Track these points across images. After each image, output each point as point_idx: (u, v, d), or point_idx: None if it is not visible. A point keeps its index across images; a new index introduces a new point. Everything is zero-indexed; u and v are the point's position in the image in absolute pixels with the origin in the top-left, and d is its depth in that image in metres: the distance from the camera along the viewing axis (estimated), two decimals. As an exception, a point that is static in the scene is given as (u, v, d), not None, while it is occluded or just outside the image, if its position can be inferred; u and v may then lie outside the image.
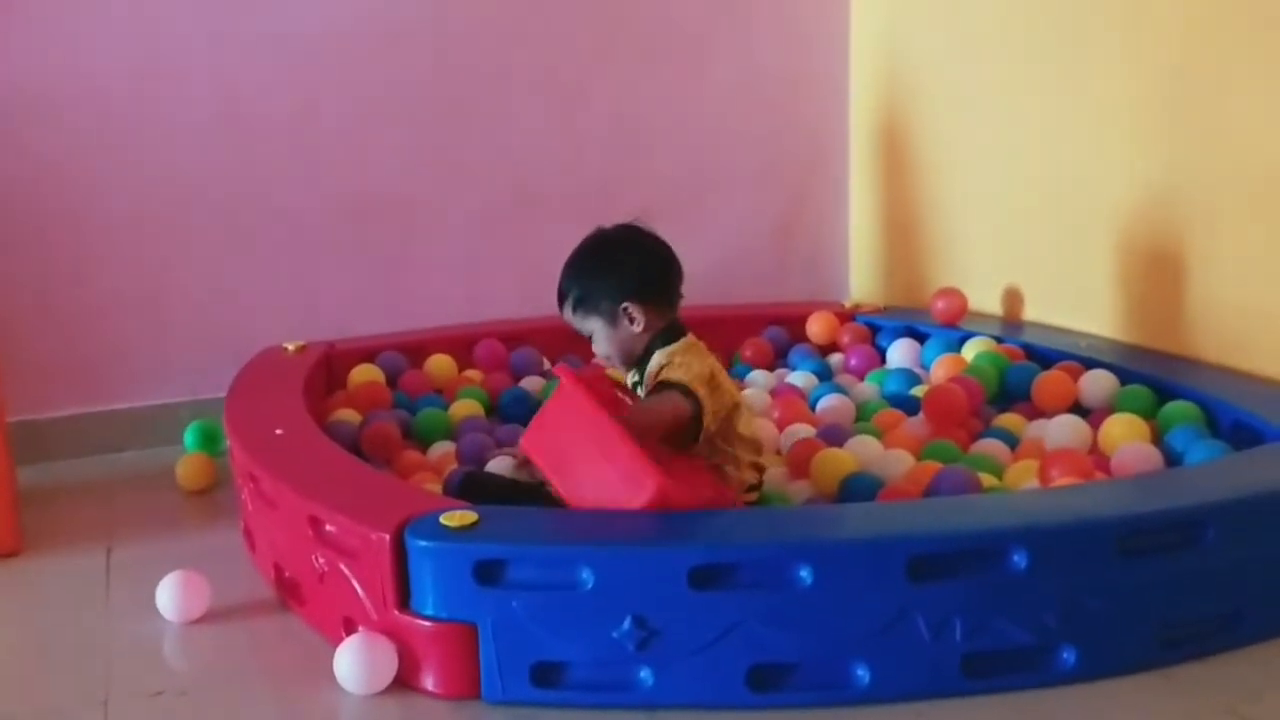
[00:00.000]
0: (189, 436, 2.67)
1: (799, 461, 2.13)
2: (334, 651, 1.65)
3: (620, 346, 1.97)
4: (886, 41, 3.24)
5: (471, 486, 1.91)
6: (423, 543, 1.60)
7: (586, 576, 1.55)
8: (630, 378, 2.03)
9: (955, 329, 2.80)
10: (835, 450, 2.12)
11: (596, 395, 1.77)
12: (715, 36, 3.21)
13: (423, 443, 2.44)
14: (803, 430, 2.27)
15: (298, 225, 2.90)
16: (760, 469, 2.00)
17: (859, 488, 1.99)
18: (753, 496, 1.97)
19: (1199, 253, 2.40)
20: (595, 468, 1.71)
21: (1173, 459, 2.04)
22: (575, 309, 1.98)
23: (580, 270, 1.98)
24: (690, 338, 1.98)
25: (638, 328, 1.95)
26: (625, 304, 1.94)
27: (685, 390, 1.85)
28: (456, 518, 1.62)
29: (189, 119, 2.78)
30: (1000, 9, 2.86)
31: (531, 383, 2.72)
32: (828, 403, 2.47)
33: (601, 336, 1.97)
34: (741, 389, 2.41)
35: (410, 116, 2.97)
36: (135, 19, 2.71)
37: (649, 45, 3.16)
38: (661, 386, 1.88)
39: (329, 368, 2.73)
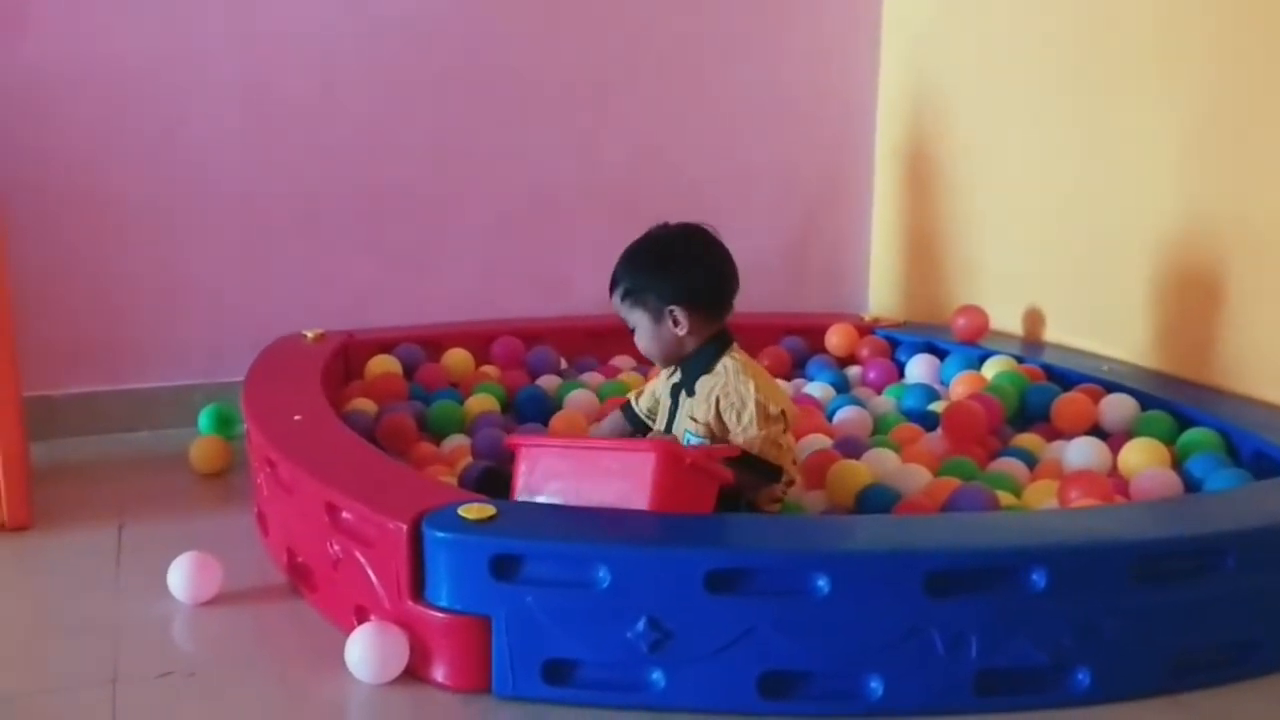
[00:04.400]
0: (204, 419, 2.67)
1: (815, 472, 2.11)
2: (344, 639, 1.65)
3: (661, 345, 1.97)
4: (915, 58, 3.23)
5: (491, 481, 1.90)
6: (440, 534, 1.60)
7: (603, 575, 1.54)
8: (670, 376, 2.03)
9: (975, 347, 2.79)
10: (852, 462, 2.11)
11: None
12: (743, 47, 3.21)
13: (437, 436, 2.44)
14: (819, 441, 2.26)
15: (320, 214, 2.90)
16: (791, 481, 1.99)
17: (875, 500, 1.99)
18: (776, 508, 1.96)
19: (1224, 280, 2.39)
20: (600, 472, 1.71)
21: (1192, 486, 2.03)
22: (624, 299, 1.97)
23: (636, 263, 1.97)
24: (741, 352, 1.98)
25: (681, 331, 1.94)
26: (672, 306, 1.93)
27: (776, 473, 1.92)
28: (475, 510, 1.61)
29: (213, 105, 2.78)
30: (1031, 31, 2.85)
31: (548, 381, 2.72)
32: (845, 415, 2.46)
33: (644, 332, 1.97)
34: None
35: (435, 111, 2.96)
36: (160, 3, 2.71)
37: (676, 53, 3.16)
38: (752, 455, 1.88)
39: (346, 357, 2.74)
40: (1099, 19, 2.65)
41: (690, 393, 1.97)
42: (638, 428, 2.12)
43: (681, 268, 1.95)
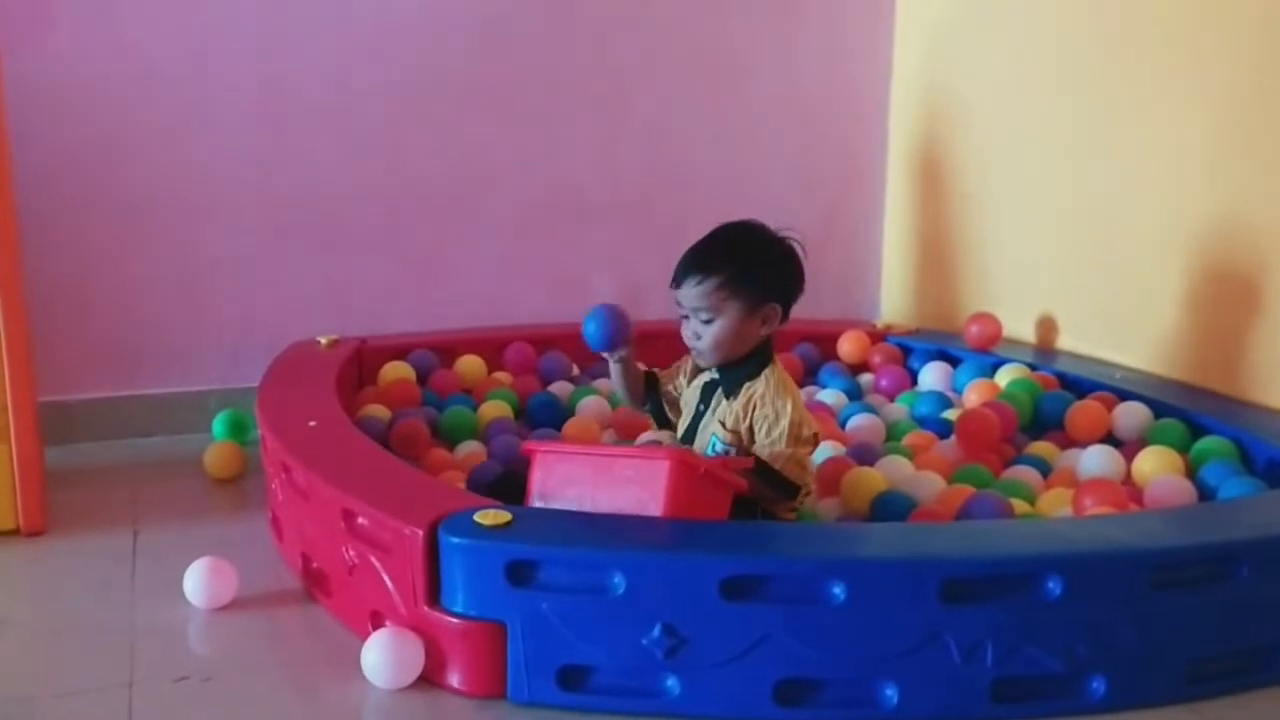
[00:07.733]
0: (218, 425, 2.68)
1: (829, 479, 2.12)
2: (359, 644, 1.65)
3: (736, 341, 1.90)
4: (929, 62, 3.23)
5: (505, 486, 1.91)
6: (456, 540, 1.60)
7: (618, 581, 1.54)
8: (706, 373, 1.99)
9: (989, 354, 2.79)
10: (866, 469, 2.12)
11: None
12: (758, 50, 3.21)
13: (450, 442, 2.44)
14: (832, 448, 2.26)
15: (335, 219, 2.90)
16: (808, 491, 1.98)
17: (890, 508, 1.99)
18: (792, 516, 1.96)
19: (1239, 288, 2.38)
20: (615, 479, 1.71)
21: (1206, 494, 2.03)
22: (720, 285, 1.87)
23: (743, 252, 1.90)
24: (780, 365, 1.96)
25: (764, 331, 1.91)
26: (773, 304, 1.90)
27: (794, 491, 1.89)
28: (491, 516, 1.62)
29: (233, 107, 2.79)
30: (1047, 34, 2.85)
31: (560, 388, 2.72)
32: (858, 422, 2.46)
33: (726, 324, 1.88)
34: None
35: (452, 115, 2.97)
36: (184, 3, 2.72)
37: (692, 56, 3.16)
38: (774, 470, 1.86)
39: (360, 363, 2.74)
40: (1117, 21, 2.65)
41: (731, 395, 1.94)
42: (651, 394, 2.06)
43: (786, 266, 1.92)
